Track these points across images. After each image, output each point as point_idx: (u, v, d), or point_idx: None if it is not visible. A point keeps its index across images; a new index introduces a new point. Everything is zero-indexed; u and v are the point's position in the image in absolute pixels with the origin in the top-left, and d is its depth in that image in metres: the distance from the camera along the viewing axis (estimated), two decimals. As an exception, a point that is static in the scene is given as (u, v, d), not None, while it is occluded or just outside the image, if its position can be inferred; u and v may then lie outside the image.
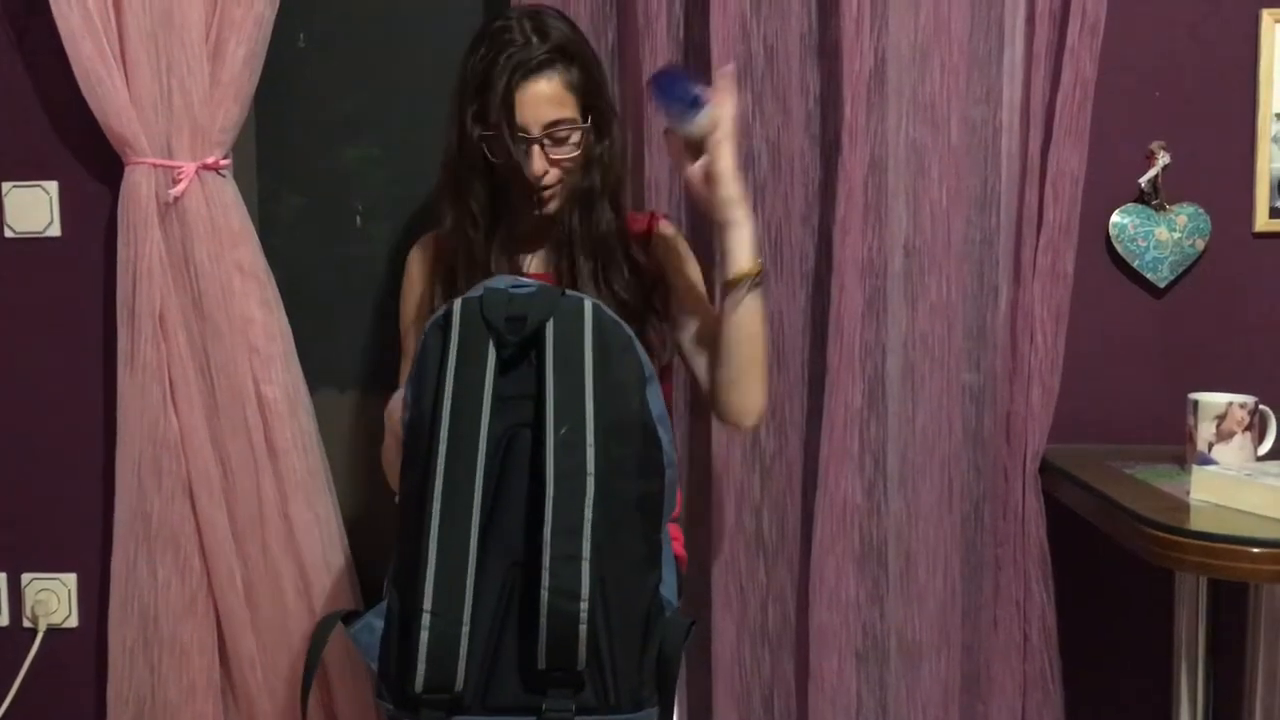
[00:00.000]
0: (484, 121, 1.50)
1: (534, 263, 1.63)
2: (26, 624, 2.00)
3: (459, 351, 1.27)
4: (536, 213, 1.57)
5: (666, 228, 1.68)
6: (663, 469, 1.31)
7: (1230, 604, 1.74)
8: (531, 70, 1.50)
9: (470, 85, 1.51)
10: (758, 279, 1.50)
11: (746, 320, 1.51)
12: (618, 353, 1.28)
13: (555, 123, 1.51)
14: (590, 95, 1.54)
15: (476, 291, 1.30)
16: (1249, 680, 1.73)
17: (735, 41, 1.80)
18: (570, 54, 1.52)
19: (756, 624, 1.89)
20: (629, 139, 1.87)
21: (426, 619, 1.21)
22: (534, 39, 1.50)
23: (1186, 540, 1.40)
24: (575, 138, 1.53)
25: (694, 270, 1.65)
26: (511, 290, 1.30)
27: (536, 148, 1.51)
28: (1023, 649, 1.86)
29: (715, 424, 1.83)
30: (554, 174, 1.54)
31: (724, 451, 1.85)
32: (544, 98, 1.50)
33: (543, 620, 1.19)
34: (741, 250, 1.48)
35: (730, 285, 1.50)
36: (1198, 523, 1.43)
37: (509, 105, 1.49)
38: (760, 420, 1.59)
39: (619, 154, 1.59)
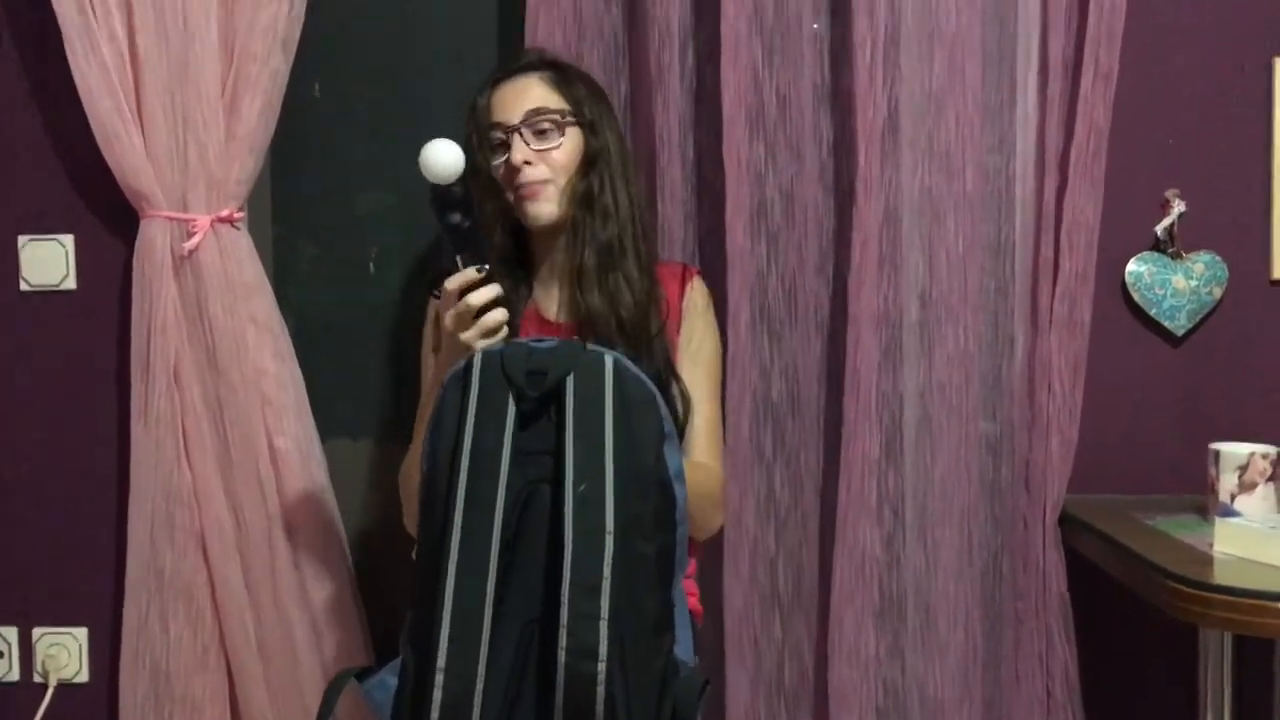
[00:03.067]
0: (473, 142, 1.55)
1: (554, 309, 1.64)
2: (37, 679, 1.98)
3: (479, 405, 1.26)
4: (525, 214, 1.58)
5: (701, 288, 1.70)
6: (675, 525, 1.30)
7: (1256, 658, 1.71)
8: (513, 71, 1.57)
9: (465, 122, 1.57)
10: None
11: None
12: (638, 408, 1.27)
13: (536, 111, 1.54)
14: (578, 93, 1.57)
15: (497, 346, 1.30)
16: (1277, 736, 1.70)
17: (747, 91, 1.80)
18: (557, 63, 1.57)
19: (773, 679, 1.86)
20: (643, 183, 1.88)
21: (440, 677, 1.20)
22: (524, 57, 1.58)
23: (1211, 595, 1.38)
24: (561, 133, 1.55)
25: (705, 356, 1.66)
26: (532, 344, 1.30)
27: (516, 137, 1.53)
28: (1046, 704, 1.83)
29: (728, 476, 1.81)
30: (541, 170, 1.55)
31: (738, 503, 1.83)
32: (524, 89, 1.56)
33: (560, 681, 1.18)
34: None
35: None
36: (1222, 577, 1.41)
37: (490, 106, 1.55)
38: (715, 530, 1.68)
39: (623, 169, 1.60)
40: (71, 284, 1.96)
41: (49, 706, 1.97)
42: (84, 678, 1.98)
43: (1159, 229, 1.86)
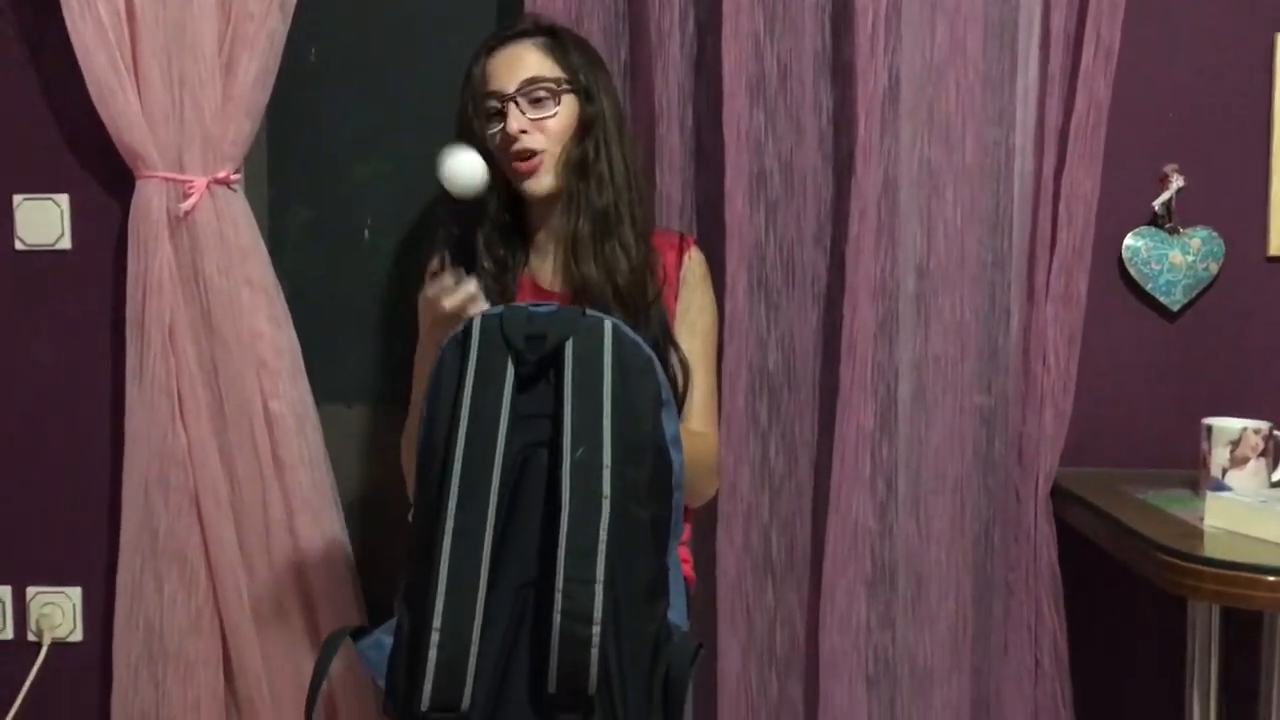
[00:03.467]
0: (469, 112, 1.55)
1: (550, 276, 1.63)
2: (31, 638, 1.99)
3: (477, 368, 1.26)
4: (523, 187, 1.57)
5: (699, 258, 1.69)
6: (671, 492, 1.30)
7: (1244, 631, 1.72)
8: (508, 38, 1.56)
9: (461, 90, 1.55)
10: None
11: None
12: (636, 374, 1.27)
13: (532, 80, 1.53)
14: (573, 60, 1.56)
15: (496, 309, 1.30)
16: (1263, 708, 1.72)
17: (748, 59, 1.79)
18: (552, 29, 1.55)
19: (764, 646, 1.87)
20: (639, 150, 1.87)
21: (435, 637, 1.20)
22: (520, 23, 1.56)
23: (1202, 568, 1.38)
24: (557, 102, 1.54)
25: (700, 325, 1.66)
26: (531, 309, 1.30)
27: (513, 106, 1.52)
28: (1034, 674, 1.84)
29: (723, 445, 1.82)
30: (537, 138, 1.54)
31: (732, 472, 1.84)
32: (519, 57, 1.54)
33: (554, 643, 1.18)
34: None
35: None
36: (1212, 550, 1.42)
37: (486, 75, 1.54)
38: (709, 497, 1.72)
39: (619, 134, 1.59)
40: (66, 244, 1.95)
41: (43, 665, 1.97)
42: (78, 637, 1.99)
43: (1157, 204, 1.86)
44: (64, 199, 1.94)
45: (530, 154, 1.55)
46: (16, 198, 1.95)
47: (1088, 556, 1.76)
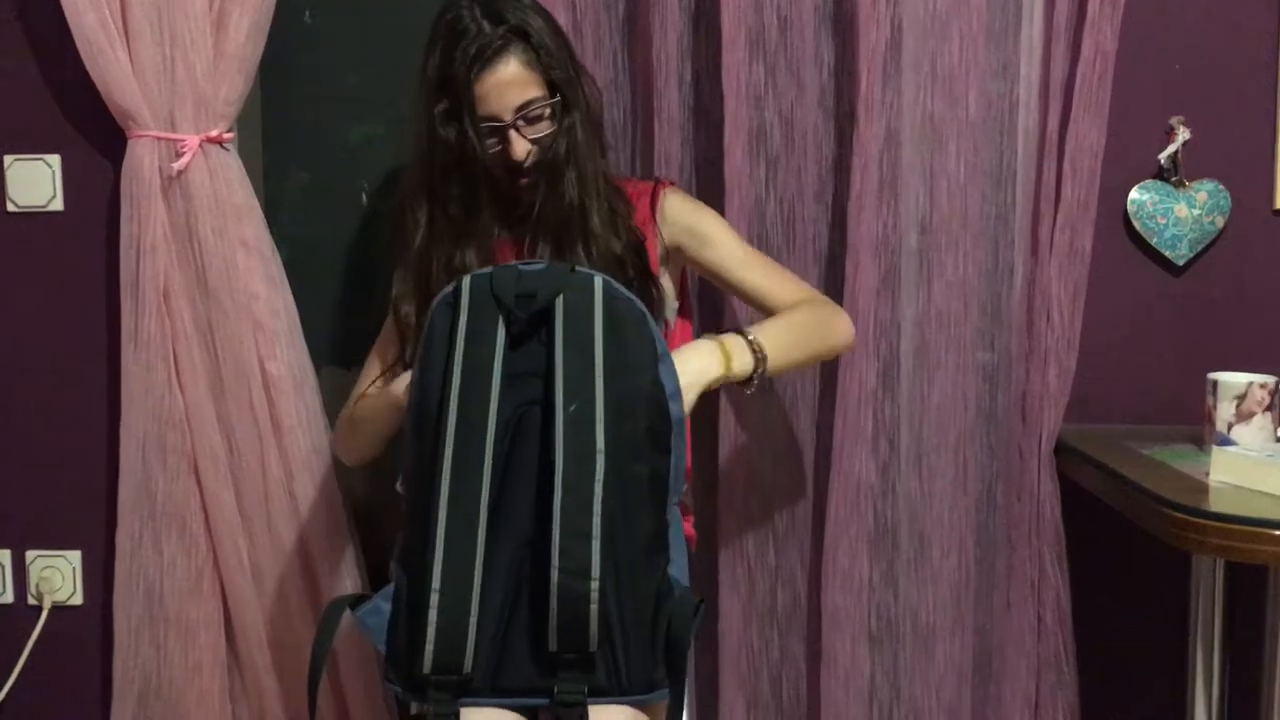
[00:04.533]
0: (454, 119, 1.48)
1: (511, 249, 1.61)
2: (31, 601, 1.99)
3: (468, 329, 1.25)
4: (523, 194, 1.54)
5: (673, 196, 1.65)
6: (670, 447, 1.29)
7: (1248, 586, 1.71)
8: (490, 58, 1.47)
9: (432, 85, 1.49)
10: (755, 376, 1.48)
11: (782, 371, 1.55)
12: (630, 329, 1.26)
13: (525, 104, 1.49)
14: (553, 68, 1.51)
15: (485, 269, 1.29)
16: (1267, 664, 1.71)
17: (747, 11, 1.76)
18: (525, 31, 1.49)
19: (765, 605, 1.87)
20: (637, 108, 1.84)
21: (435, 599, 1.20)
22: (485, 25, 1.47)
23: (1206, 522, 1.37)
24: (547, 113, 1.51)
25: (716, 232, 1.63)
26: (521, 267, 1.29)
27: (513, 132, 1.49)
28: (1037, 631, 1.84)
29: (723, 402, 1.81)
30: (535, 153, 1.52)
31: (732, 430, 1.83)
32: (508, 82, 1.48)
33: (553, 600, 1.18)
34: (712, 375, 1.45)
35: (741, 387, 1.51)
36: (1217, 504, 1.41)
37: (475, 98, 1.47)
38: (851, 340, 1.67)
39: (587, 121, 1.55)
40: (59, 205, 1.93)
41: (44, 628, 1.97)
42: (78, 600, 1.99)
43: (1162, 157, 1.84)
44: (55, 159, 1.92)
45: (532, 167, 1.53)
46: (7, 158, 1.93)
47: (1091, 512, 1.75)
